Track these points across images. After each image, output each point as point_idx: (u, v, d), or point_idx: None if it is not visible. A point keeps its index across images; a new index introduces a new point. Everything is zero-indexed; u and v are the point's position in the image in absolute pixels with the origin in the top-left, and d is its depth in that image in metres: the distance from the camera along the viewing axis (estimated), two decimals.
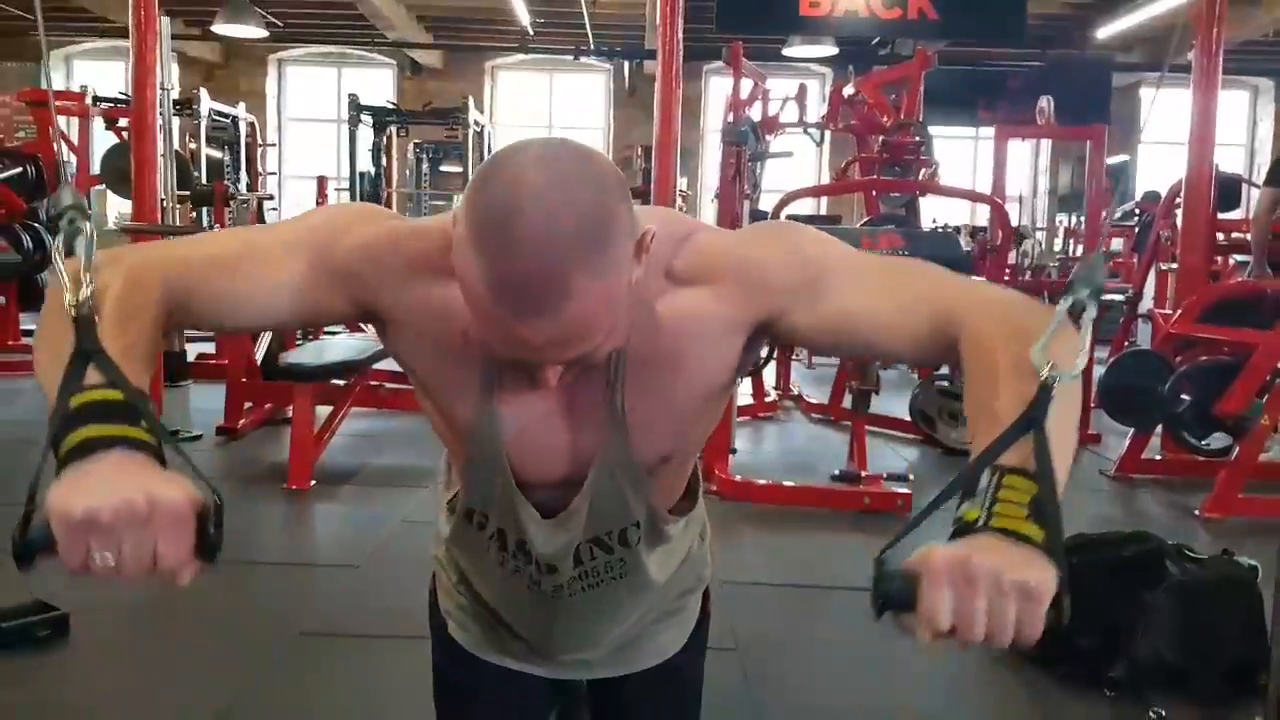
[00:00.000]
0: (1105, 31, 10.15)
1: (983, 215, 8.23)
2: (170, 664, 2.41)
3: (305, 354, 4.39)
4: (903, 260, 0.90)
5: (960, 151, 11.27)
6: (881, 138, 5.52)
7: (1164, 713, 2.27)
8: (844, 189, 6.76)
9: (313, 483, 3.87)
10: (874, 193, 5.61)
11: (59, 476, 0.67)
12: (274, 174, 10.04)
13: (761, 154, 5.29)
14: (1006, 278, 5.29)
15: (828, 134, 6.74)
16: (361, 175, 8.37)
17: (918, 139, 5.21)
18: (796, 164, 6.68)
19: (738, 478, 3.98)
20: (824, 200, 11.14)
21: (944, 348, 0.85)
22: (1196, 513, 3.82)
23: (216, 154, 8.30)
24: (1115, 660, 2.38)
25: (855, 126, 6.08)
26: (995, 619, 0.65)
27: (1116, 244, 8.82)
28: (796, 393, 6.09)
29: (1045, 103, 5.75)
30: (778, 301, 0.88)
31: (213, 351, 7.10)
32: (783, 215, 4.49)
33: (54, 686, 2.28)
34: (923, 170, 5.37)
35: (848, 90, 6.20)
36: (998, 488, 0.69)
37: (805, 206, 10.12)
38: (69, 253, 0.77)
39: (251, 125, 8.93)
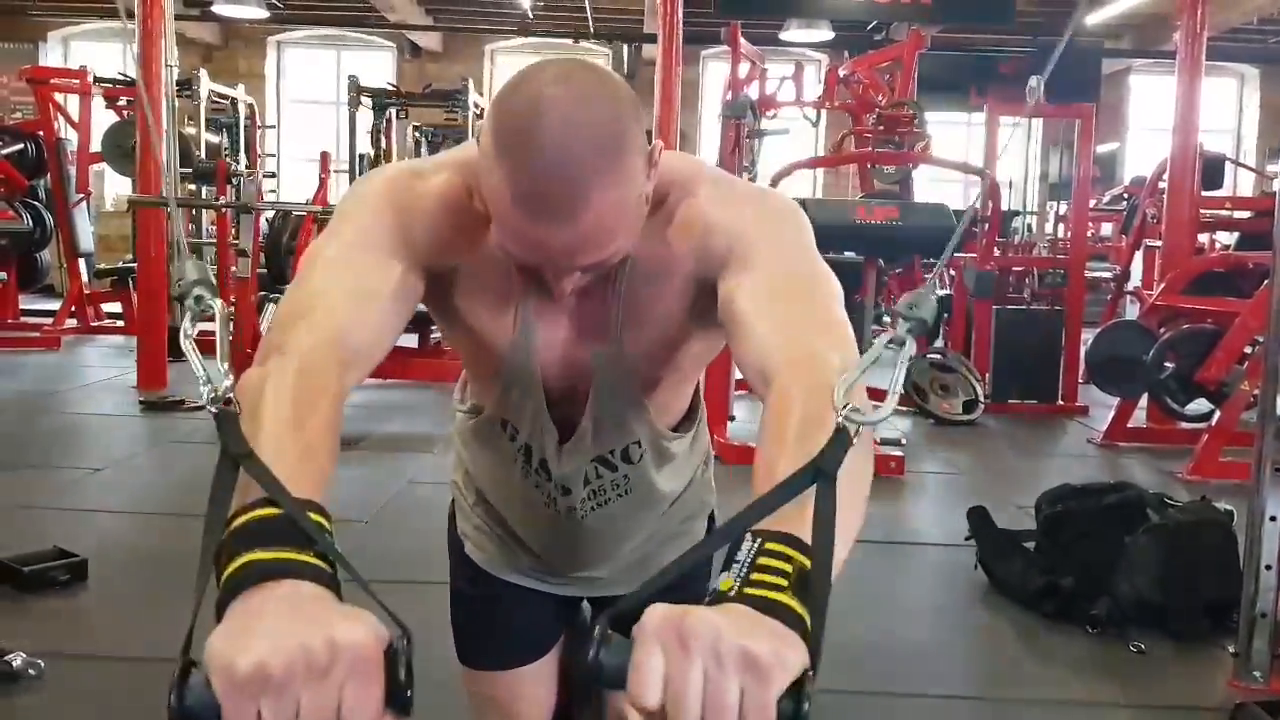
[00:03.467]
0: (1094, 18, 10.33)
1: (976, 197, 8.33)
2: (185, 607, 2.49)
3: None
4: (817, 289, 0.83)
5: (953, 136, 11.36)
6: (877, 112, 5.62)
7: (1144, 646, 2.38)
8: (841, 160, 6.89)
9: None
10: (869, 167, 5.72)
11: (219, 618, 0.59)
12: (273, 155, 10.07)
13: (760, 131, 5.39)
14: (997, 251, 5.40)
15: (824, 115, 6.85)
16: (361, 157, 8.42)
17: (911, 113, 5.32)
18: (793, 145, 6.79)
19: (735, 442, 4.09)
20: (820, 180, 11.21)
21: (763, 393, 0.78)
22: (1179, 475, 3.94)
23: (214, 139, 8.35)
24: (1097, 599, 2.50)
25: (851, 105, 6.18)
26: (714, 696, 0.52)
27: (1106, 229, 8.94)
28: None
29: (1035, 81, 5.85)
30: (714, 269, 0.89)
31: (213, 329, 7.16)
32: (780, 185, 4.60)
33: (72, 628, 2.32)
34: (918, 142, 5.47)
35: (843, 71, 6.31)
36: (757, 553, 0.59)
37: (803, 185, 10.20)
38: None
39: (251, 107, 8.97)
